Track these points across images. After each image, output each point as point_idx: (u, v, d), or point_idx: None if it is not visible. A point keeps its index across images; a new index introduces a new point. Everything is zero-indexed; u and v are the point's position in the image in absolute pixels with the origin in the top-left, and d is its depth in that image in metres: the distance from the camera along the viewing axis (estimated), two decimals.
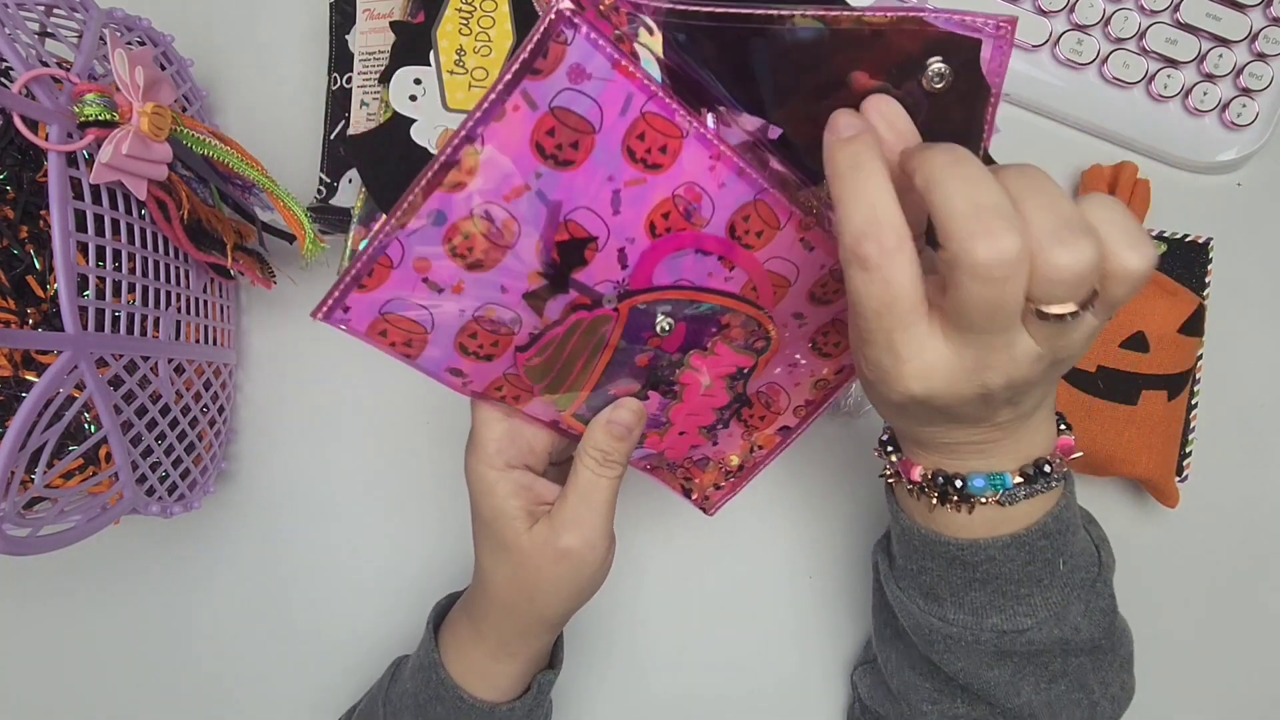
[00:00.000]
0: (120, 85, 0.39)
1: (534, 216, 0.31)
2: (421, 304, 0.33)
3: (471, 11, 0.44)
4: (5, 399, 0.43)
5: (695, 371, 0.39)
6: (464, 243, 0.31)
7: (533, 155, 0.29)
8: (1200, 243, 0.53)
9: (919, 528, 0.37)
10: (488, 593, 0.41)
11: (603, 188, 0.31)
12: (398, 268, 0.31)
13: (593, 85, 0.29)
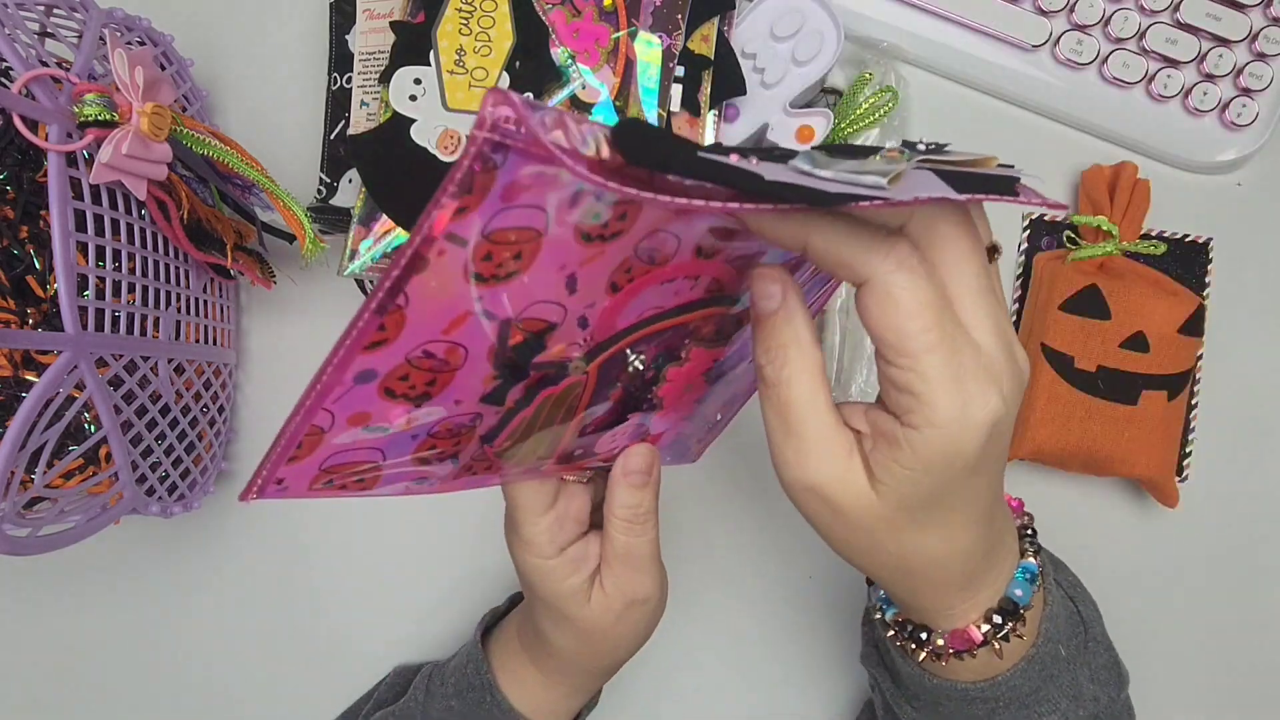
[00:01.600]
0: (120, 85, 0.39)
1: (481, 335, 0.28)
2: (368, 445, 0.30)
3: (471, 11, 0.44)
4: (5, 399, 0.43)
5: (673, 383, 0.38)
6: (403, 384, 0.28)
7: (469, 286, 0.26)
8: (1200, 243, 0.53)
9: (926, 678, 0.36)
10: (554, 653, 0.41)
11: (555, 276, 0.27)
12: (330, 431, 0.28)
13: (532, 194, 0.24)
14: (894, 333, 0.25)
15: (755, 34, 0.49)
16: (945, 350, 0.25)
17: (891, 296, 0.25)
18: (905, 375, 0.25)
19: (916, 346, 0.25)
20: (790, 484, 0.29)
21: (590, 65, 0.44)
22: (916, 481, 0.27)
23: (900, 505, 0.28)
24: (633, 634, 0.40)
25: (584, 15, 0.44)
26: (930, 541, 0.29)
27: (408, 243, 0.24)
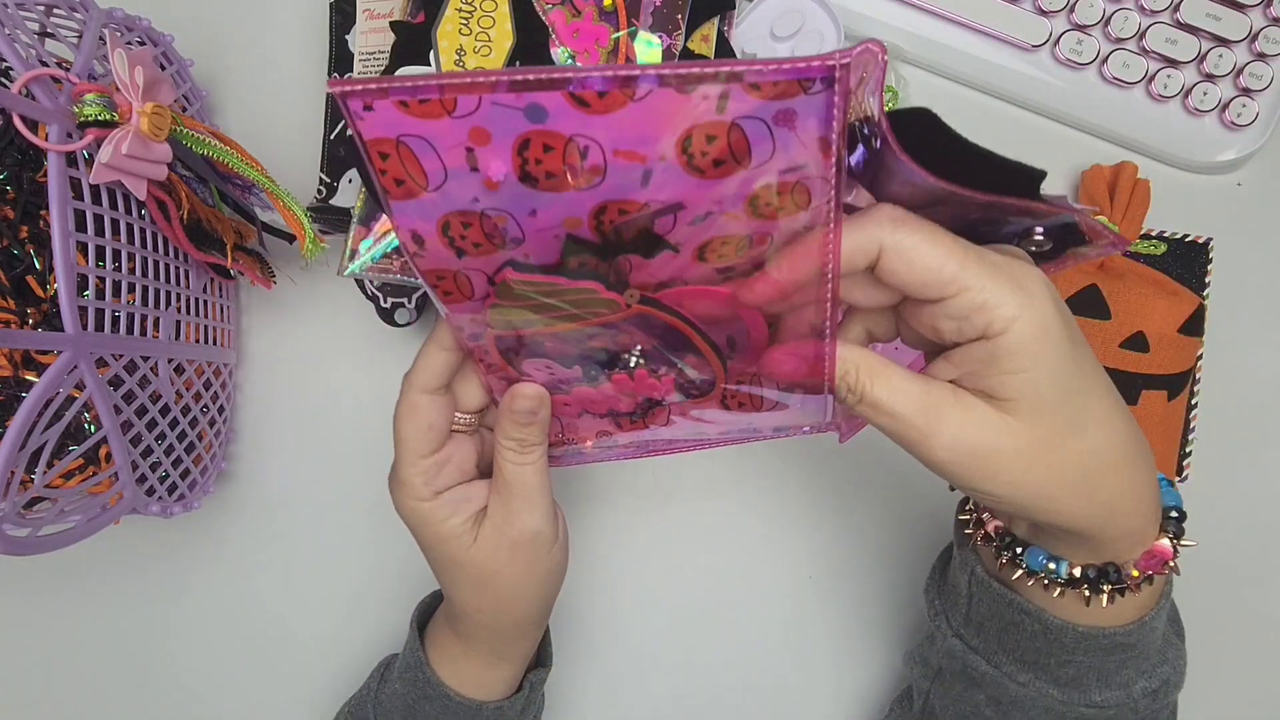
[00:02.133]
0: (120, 85, 0.39)
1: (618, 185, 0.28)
2: (445, 165, 0.28)
3: (471, 11, 0.44)
4: (5, 399, 0.43)
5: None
6: (538, 151, 0.27)
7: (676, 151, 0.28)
8: (1200, 243, 0.53)
9: (1072, 629, 0.35)
10: (461, 612, 0.41)
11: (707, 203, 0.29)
12: (454, 116, 0.26)
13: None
14: (930, 272, 0.27)
15: (755, 34, 0.49)
16: (974, 259, 0.27)
17: (907, 248, 0.27)
18: (961, 299, 0.27)
19: (954, 269, 0.27)
20: (932, 459, 0.29)
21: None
22: (1035, 378, 0.28)
23: (1037, 413, 0.28)
24: (529, 578, 0.39)
25: (584, 15, 0.44)
26: (1094, 438, 0.30)
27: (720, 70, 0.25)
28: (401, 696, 0.45)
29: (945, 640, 0.40)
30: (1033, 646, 0.36)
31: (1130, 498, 0.32)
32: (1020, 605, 0.35)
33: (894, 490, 0.54)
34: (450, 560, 0.38)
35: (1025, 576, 0.35)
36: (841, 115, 0.27)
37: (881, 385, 0.30)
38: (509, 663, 0.43)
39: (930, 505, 0.54)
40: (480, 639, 0.42)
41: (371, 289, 0.51)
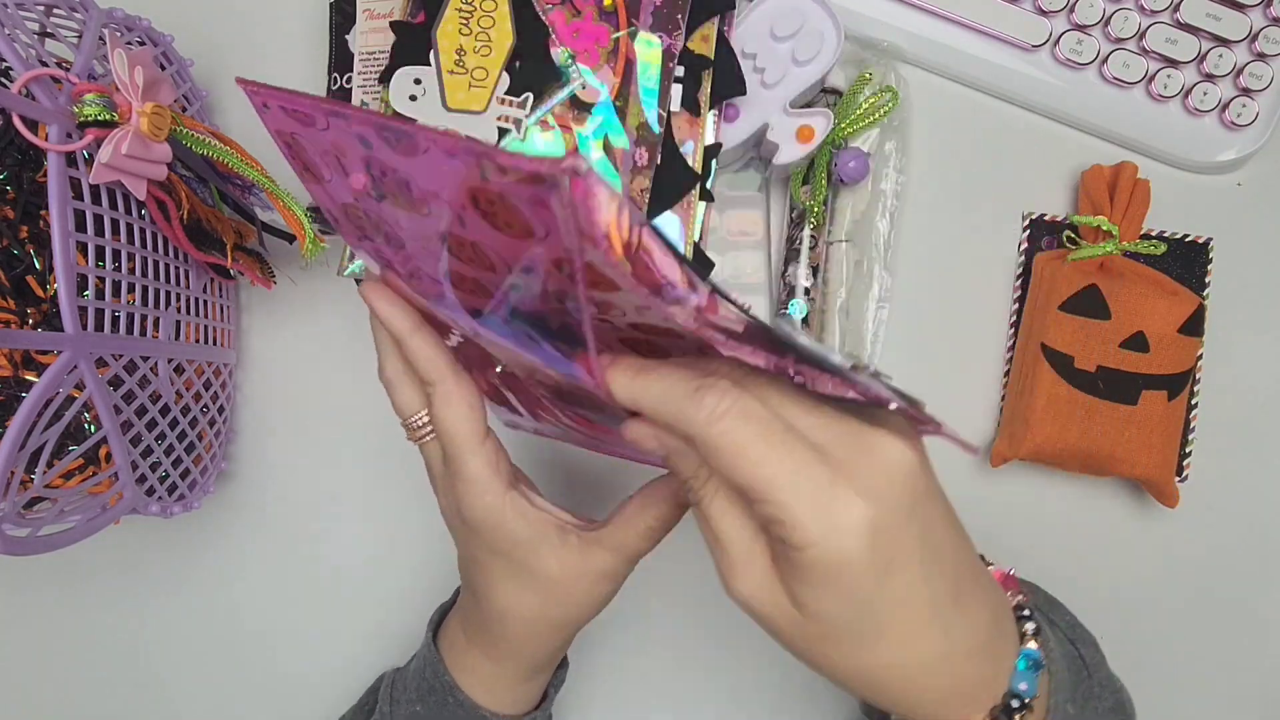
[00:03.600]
0: (120, 85, 0.39)
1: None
2: (324, 165, 0.32)
3: (471, 11, 0.44)
4: (5, 399, 0.43)
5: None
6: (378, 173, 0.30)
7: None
8: (1200, 243, 0.53)
9: None
10: (507, 626, 0.38)
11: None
12: (316, 129, 0.30)
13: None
14: (736, 475, 0.26)
15: (755, 34, 0.49)
16: (788, 473, 0.25)
17: (718, 448, 0.26)
18: (765, 509, 0.26)
19: (760, 482, 0.25)
20: (731, 596, 0.29)
21: (590, 65, 0.44)
22: (823, 597, 0.26)
23: (827, 622, 0.27)
24: (603, 600, 0.38)
25: (584, 15, 0.44)
26: (885, 654, 0.28)
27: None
28: (426, 719, 0.42)
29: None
30: None
31: (926, 703, 0.29)
32: None
33: None
34: (524, 570, 0.36)
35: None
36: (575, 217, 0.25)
37: (721, 504, 0.28)
38: (544, 672, 0.42)
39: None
40: (523, 655, 0.40)
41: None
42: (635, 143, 0.44)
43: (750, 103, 0.49)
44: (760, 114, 0.49)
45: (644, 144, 0.44)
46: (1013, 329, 0.54)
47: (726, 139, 0.49)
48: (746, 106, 0.49)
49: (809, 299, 0.52)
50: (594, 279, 0.27)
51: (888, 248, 0.52)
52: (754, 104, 0.49)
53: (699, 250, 0.47)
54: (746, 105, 0.49)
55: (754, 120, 0.49)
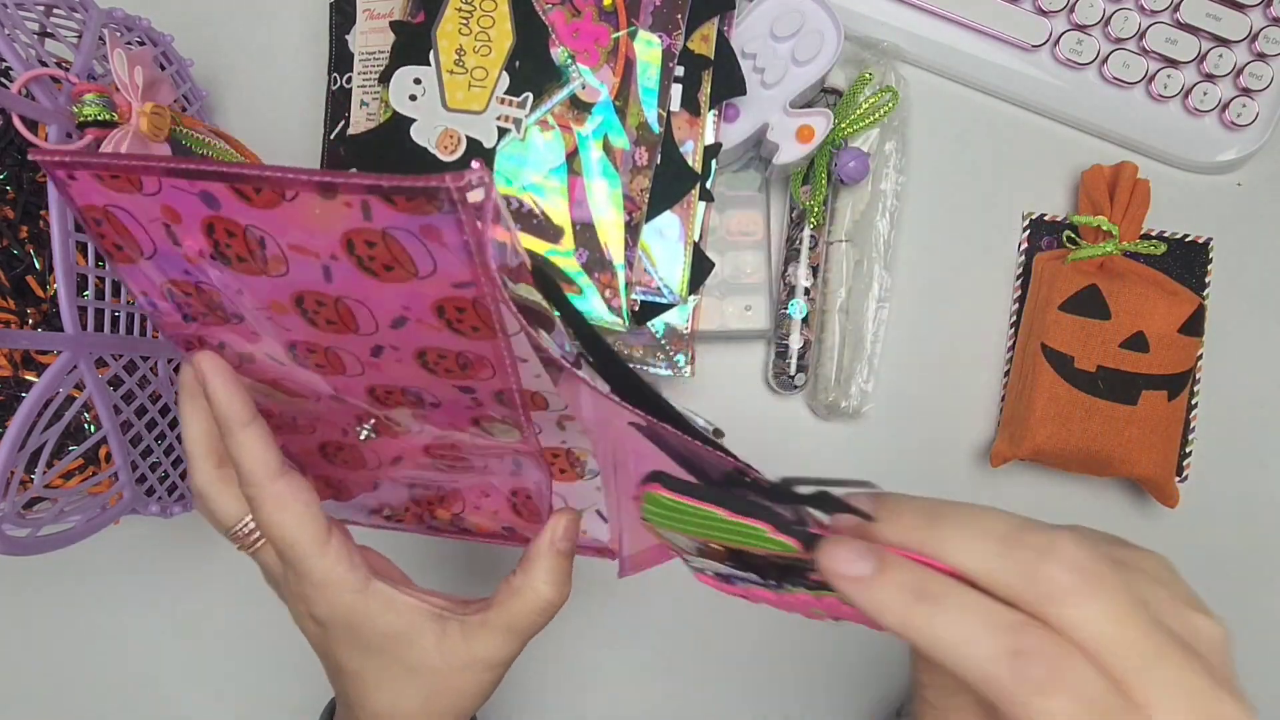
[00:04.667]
0: (119, 85, 0.39)
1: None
2: (150, 236, 0.29)
3: (471, 11, 0.44)
4: (5, 399, 0.43)
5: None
6: (224, 235, 0.28)
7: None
8: (1200, 243, 0.53)
9: None
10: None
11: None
12: (144, 194, 0.27)
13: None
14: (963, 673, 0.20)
15: (755, 34, 0.49)
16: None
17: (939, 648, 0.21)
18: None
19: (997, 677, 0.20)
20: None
21: (590, 65, 0.44)
22: None
23: None
24: (482, 685, 0.34)
25: (584, 15, 0.44)
26: None
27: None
28: None
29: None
30: None
31: None
32: None
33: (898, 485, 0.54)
34: (403, 666, 0.33)
35: None
36: (475, 233, 0.24)
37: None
38: None
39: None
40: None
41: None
42: (635, 143, 0.44)
43: (750, 103, 0.49)
44: (760, 114, 0.49)
45: (644, 144, 0.44)
46: (1013, 329, 0.54)
47: (726, 139, 0.49)
48: (746, 106, 0.49)
49: (809, 299, 0.52)
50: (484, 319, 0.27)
51: (888, 248, 0.52)
52: (754, 104, 0.49)
53: (699, 250, 0.47)
54: (746, 105, 0.49)
55: (754, 120, 0.49)
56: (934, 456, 0.54)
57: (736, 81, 0.47)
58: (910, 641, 0.21)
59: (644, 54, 0.45)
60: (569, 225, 0.44)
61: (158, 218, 0.28)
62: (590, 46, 0.44)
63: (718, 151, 0.47)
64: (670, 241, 0.46)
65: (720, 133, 0.48)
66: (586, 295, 0.44)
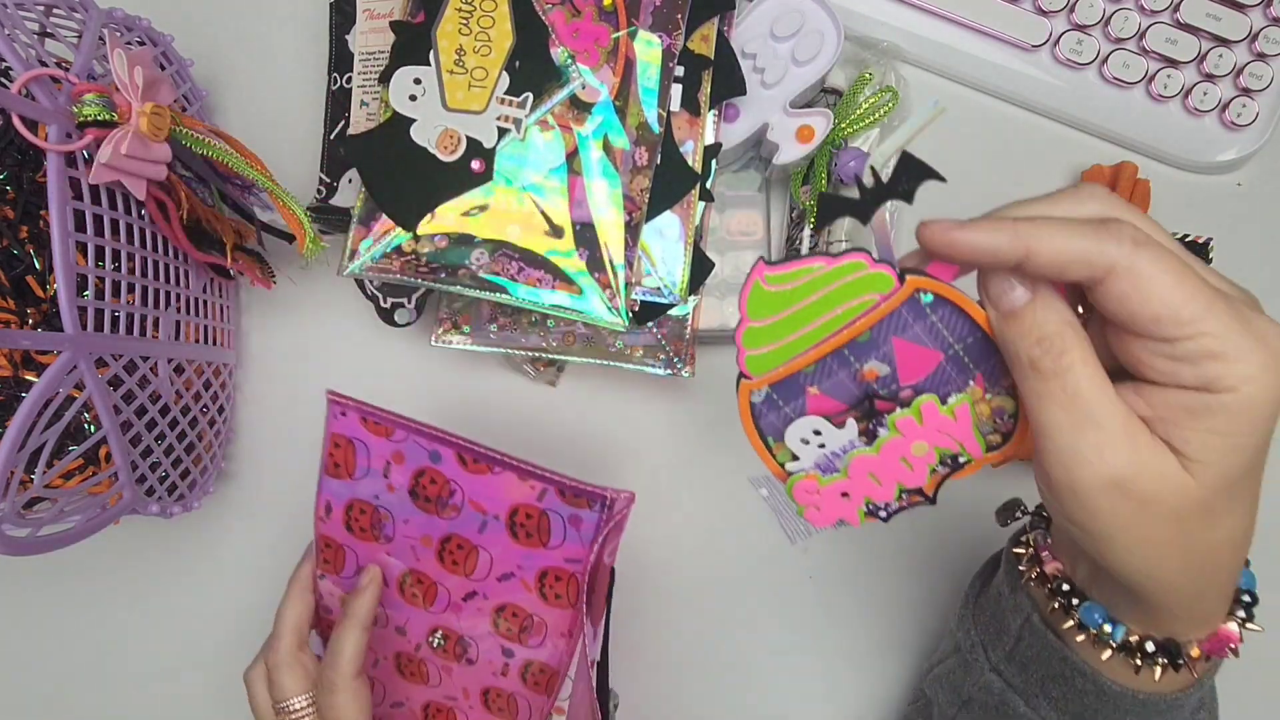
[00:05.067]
0: (119, 85, 0.39)
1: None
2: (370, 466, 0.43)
3: (471, 11, 0.44)
4: (5, 399, 0.43)
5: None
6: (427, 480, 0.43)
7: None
8: (1200, 243, 0.53)
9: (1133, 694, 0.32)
10: None
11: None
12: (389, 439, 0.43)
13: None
14: (1165, 306, 0.24)
15: (755, 34, 0.49)
16: (1222, 303, 0.24)
17: (1148, 274, 0.24)
18: (1195, 343, 0.24)
19: (1195, 310, 0.24)
20: (1090, 482, 0.25)
21: (590, 65, 0.44)
22: (1239, 448, 0.25)
23: (1221, 482, 0.25)
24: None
25: (584, 15, 0.44)
26: (1236, 522, 0.27)
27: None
28: None
29: (983, 674, 0.38)
30: (1080, 702, 0.34)
31: (1228, 585, 0.29)
32: (1074, 664, 0.33)
33: None
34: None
35: (1075, 629, 0.32)
36: (606, 531, 0.40)
37: (1088, 372, 0.25)
38: None
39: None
40: None
41: (371, 289, 0.51)
42: (635, 143, 0.44)
43: (750, 103, 0.49)
44: (760, 114, 0.49)
45: (644, 144, 0.44)
46: None
47: (726, 139, 0.49)
48: (746, 106, 0.49)
49: None
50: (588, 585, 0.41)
51: None
52: (754, 104, 0.49)
53: (699, 250, 0.47)
54: (746, 105, 0.49)
55: (754, 120, 0.49)
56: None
57: (736, 81, 0.47)
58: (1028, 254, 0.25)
59: (644, 54, 0.45)
60: (569, 225, 0.44)
61: (386, 457, 0.42)
62: (590, 46, 0.44)
63: (718, 151, 0.47)
64: (670, 241, 0.46)
65: (720, 133, 0.48)
66: (586, 295, 0.44)
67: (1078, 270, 0.25)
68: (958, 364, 0.29)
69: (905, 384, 0.30)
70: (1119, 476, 0.25)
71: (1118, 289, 0.24)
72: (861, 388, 0.30)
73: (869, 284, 0.28)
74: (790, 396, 0.30)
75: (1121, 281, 0.24)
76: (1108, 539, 0.26)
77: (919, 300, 0.28)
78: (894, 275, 0.28)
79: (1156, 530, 0.26)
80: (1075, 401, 0.25)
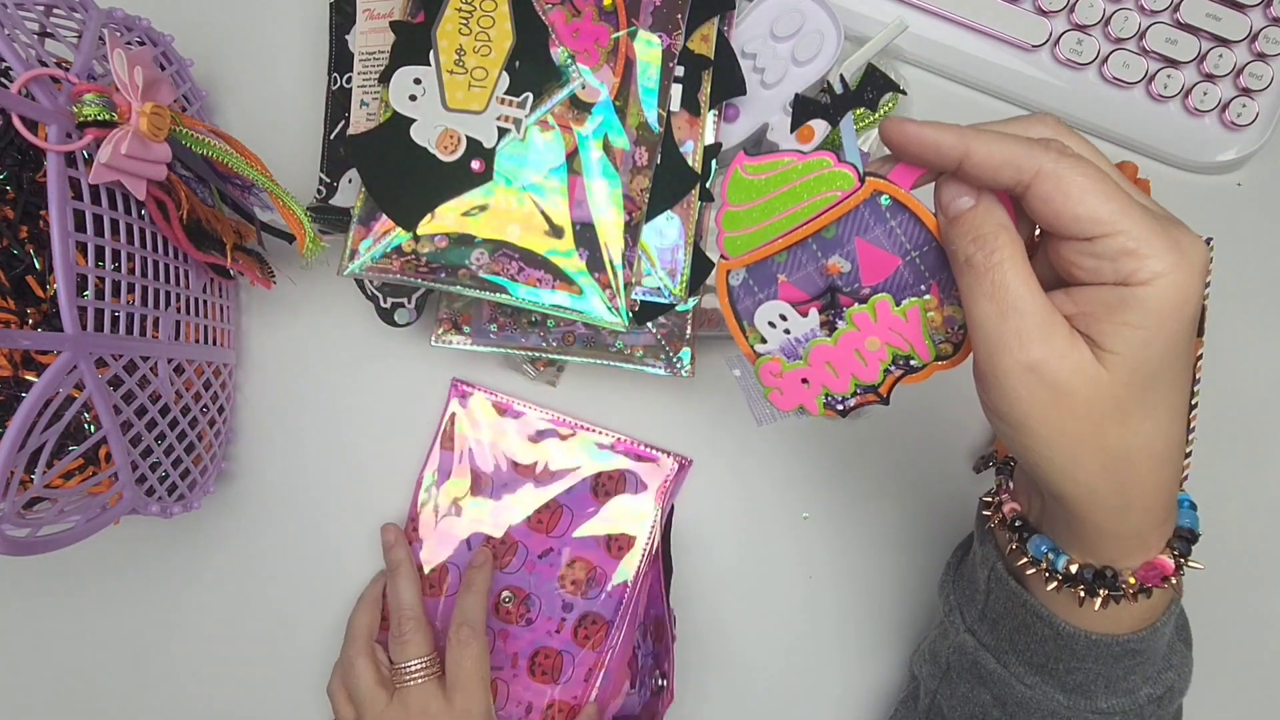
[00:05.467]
0: (119, 85, 0.39)
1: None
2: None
3: (471, 11, 0.44)
4: (5, 399, 0.43)
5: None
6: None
7: None
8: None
9: (1082, 635, 0.34)
10: None
11: None
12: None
13: None
14: (1085, 207, 0.27)
15: (755, 34, 0.49)
16: (1139, 209, 0.27)
17: (1069, 178, 0.27)
18: (1114, 241, 0.26)
19: (1113, 211, 0.26)
20: (1010, 367, 0.28)
21: (590, 65, 0.44)
22: (1149, 342, 0.27)
23: (1133, 376, 0.27)
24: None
25: (584, 15, 0.44)
26: (1153, 428, 0.29)
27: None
28: None
29: (958, 635, 0.40)
30: (1042, 650, 0.36)
31: (1150, 498, 0.31)
32: (1033, 608, 0.35)
33: (898, 486, 0.54)
34: None
35: (1029, 564, 0.34)
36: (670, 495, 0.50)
37: (1015, 268, 0.28)
38: None
39: (933, 501, 0.54)
40: None
41: (371, 289, 0.51)
42: (635, 143, 0.44)
43: (750, 103, 0.49)
44: (760, 114, 0.49)
45: (644, 144, 0.44)
46: None
47: (726, 139, 0.49)
48: (746, 106, 0.49)
49: None
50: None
51: None
52: (754, 104, 0.49)
53: (699, 250, 0.47)
54: (746, 105, 0.49)
55: (754, 120, 0.49)
56: (934, 456, 0.54)
57: (736, 81, 0.47)
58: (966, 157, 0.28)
59: (644, 54, 0.45)
60: (569, 225, 0.44)
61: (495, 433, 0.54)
62: (590, 46, 0.44)
63: (718, 151, 0.47)
64: (670, 241, 0.46)
65: (720, 133, 0.48)
66: (586, 295, 0.44)
67: (1008, 173, 0.27)
68: (915, 271, 0.32)
69: (866, 284, 0.33)
70: (1034, 360, 0.27)
71: (1043, 190, 0.27)
72: (826, 280, 0.33)
73: (832, 180, 0.31)
74: (764, 284, 0.34)
75: (1046, 184, 0.27)
76: (1027, 429, 0.29)
77: (878, 203, 0.31)
78: (855, 175, 0.31)
79: (1072, 424, 0.28)
80: (1001, 292, 0.28)
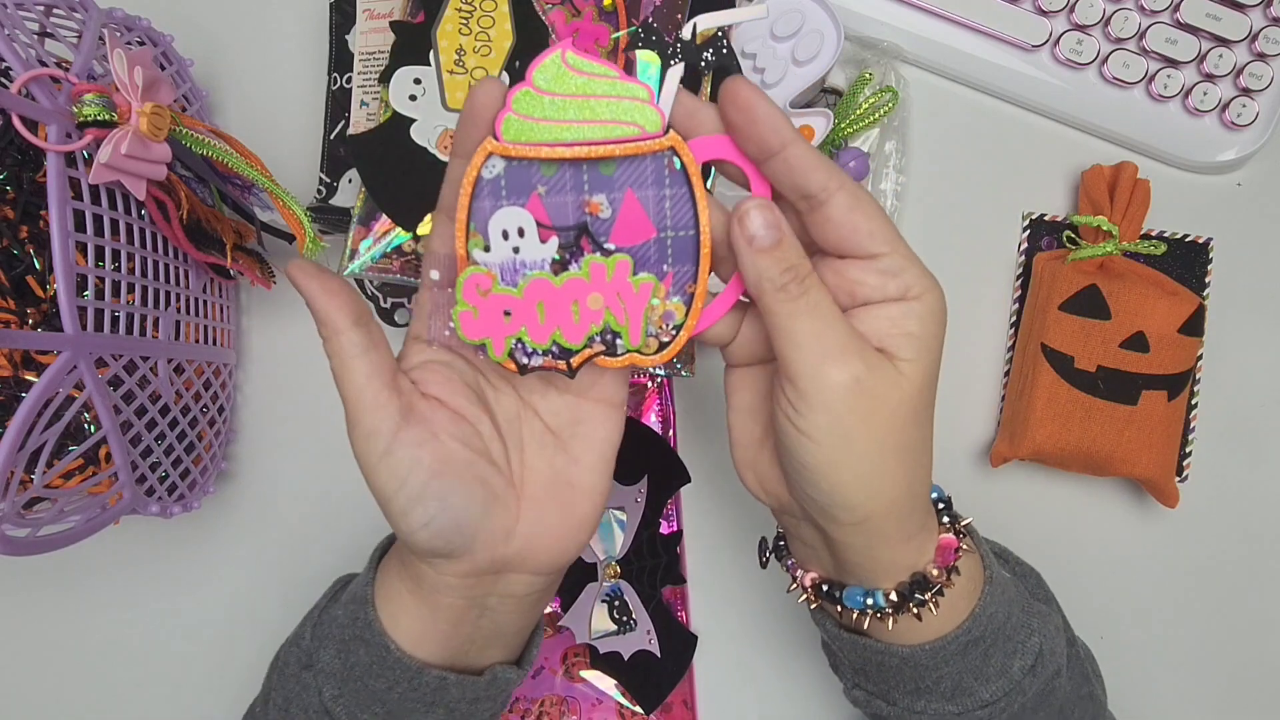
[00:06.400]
0: (119, 85, 0.39)
1: None
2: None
3: (471, 11, 0.44)
4: (5, 399, 0.43)
5: None
6: None
7: None
8: (1200, 243, 0.53)
9: (921, 652, 0.35)
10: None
11: None
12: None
13: None
14: (875, 223, 0.30)
15: (755, 34, 0.49)
16: (903, 239, 0.31)
17: (865, 197, 0.30)
18: (893, 259, 0.30)
19: (890, 234, 0.30)
20: (839, 379, 0.30)
21: None
22: (930, 348, 0.31)
23: (924, 379, 0.31)
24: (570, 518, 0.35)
25: (584, 15, 0.44)
26: (929, 427, 0.33)
27: None
28: (341, 627, 0.37)
29: (851, 692, 0.41)
30: (906, 676, 0.36)
31: (925, 488, 0.34)
32: (872, 647, 0.36)
33: None
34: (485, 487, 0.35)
35: (862, 618, 0.35)
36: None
37: (824, 291, 0.30)
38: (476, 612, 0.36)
39: None
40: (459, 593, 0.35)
41: (371, 289, 0.51)
42: None
43: None
44: None
45: None
46: (1013, 329, 0.54)
47: None
48: None
49: None
50: None
51: None
52: None
53: None
54: None
55: None
56: (937, 466, 0.54)
57: None
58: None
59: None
60: None
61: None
62: (590, 46, 0.44)
63: None
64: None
65: None
66: None
67: (815, 179, 0.29)
68: (662, 251, 0.31)
69: (614, 241, 0.31)
70: (858, 373, 0.30)
71: (845, 202, 0.29)
72: (580, 216, 0.31)
73: (639, 114, 0.30)
74: (516, 191, 0.30)
75: (848, 198, 0.30)
76: (847, 444, 0.30)
77: (670, 162, 0.30)
78: (663, 119, 0.30)
79: (883, 432, 0.30)
80: (820, 311, 0.30)
